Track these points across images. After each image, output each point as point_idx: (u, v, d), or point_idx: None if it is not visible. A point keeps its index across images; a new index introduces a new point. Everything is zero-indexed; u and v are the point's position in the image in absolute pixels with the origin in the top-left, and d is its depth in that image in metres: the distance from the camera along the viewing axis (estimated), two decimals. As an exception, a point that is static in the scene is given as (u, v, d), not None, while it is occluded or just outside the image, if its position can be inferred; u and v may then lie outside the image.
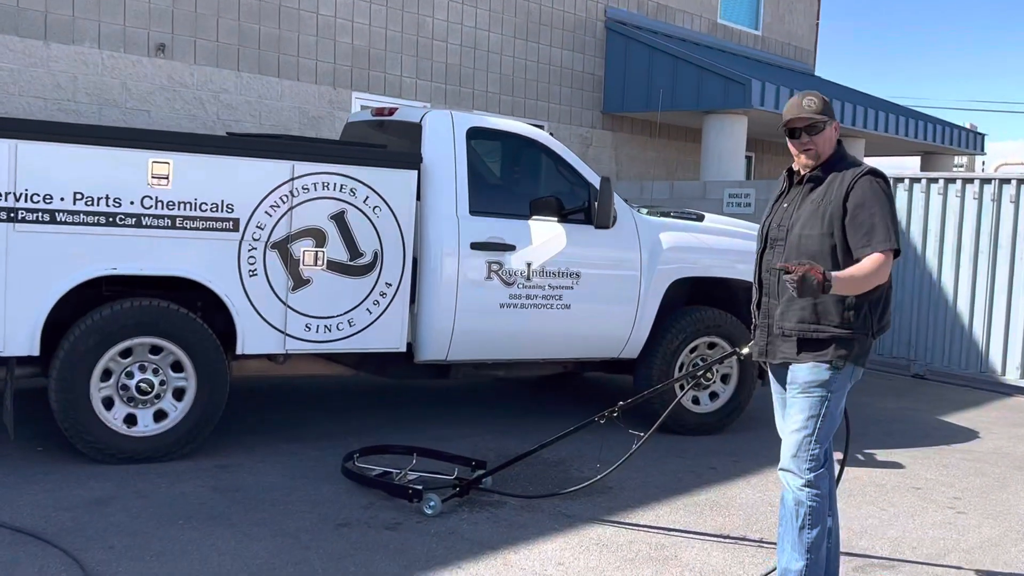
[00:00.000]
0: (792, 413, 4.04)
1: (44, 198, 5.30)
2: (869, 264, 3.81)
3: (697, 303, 7.50)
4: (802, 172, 4.12)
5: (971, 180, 10.57)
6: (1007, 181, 10.27)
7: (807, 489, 3.97)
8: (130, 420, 5.70)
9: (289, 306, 5.99)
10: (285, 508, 5.12)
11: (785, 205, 4.13)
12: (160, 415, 5.77)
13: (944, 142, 18.45)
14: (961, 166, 26.13)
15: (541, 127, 13.79)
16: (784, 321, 4.02)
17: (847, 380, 4.01)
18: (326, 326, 6.12)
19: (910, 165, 21.78)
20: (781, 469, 4.07)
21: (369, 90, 12.30)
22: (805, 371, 3.98)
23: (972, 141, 19.76)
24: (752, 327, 4.28)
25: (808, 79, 18.71)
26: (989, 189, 10.33)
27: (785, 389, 4.12)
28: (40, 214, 5.30)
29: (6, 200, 5.21)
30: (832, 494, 4.17)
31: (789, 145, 4.11)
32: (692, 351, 7.30)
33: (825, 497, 4.02)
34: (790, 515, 4.02)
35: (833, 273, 3.72)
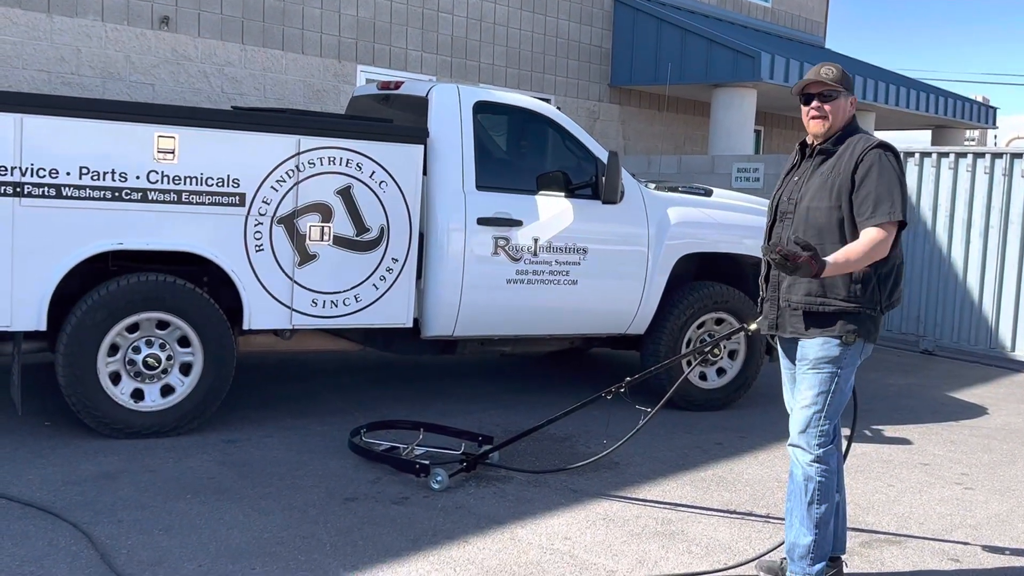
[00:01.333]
0: (802, 389, 4.02)
1: (50, 172, 5.28)
2: (865, 242, 3.79)
3: (705, 278, 7.47)
4: (813, 143, 4.08)
5: (982, 155, 10.49)
6: (1019, 156, 10.19)
7: (816, 465, 3.96)
8: (137, 395, 5.70)
9: (295, 281, 5.98)
10: (293, 483, 5.13)
11: (796, 178, 4.10)
12: (167, 390, 5.78)
13: (955, 115, 18.31)
14: (973, 140, 25.96)
15: (548, 101, 13.73)
16: (791, 294, 4.01)
17: (857, 356, 3.99)
18: (332, 301, 6.11)
19: (921, 139, 21.64)
20: (790, 444, 4.06)
21: (374, 63, 12.23)
22: (815, 347, 3.96)
23: (984, 115, 19.61)
24: (760, 300, 4.26)
25: (818, 52, 18.56)
26: (1000, 164, 10.25)
27: (794, 364, 4.10)
28: (46, 189, 5.28)
29: (12, 175, 5.20)
30: (840, 470, 4.16)
31: (802, 113, 4.07)
32: (699, 327, 7.27)
33: (834, 472, 4.02)
34: (799, 490, 4.02)
35: (826, 259, 3.71)
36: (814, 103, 4.00)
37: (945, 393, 8.59)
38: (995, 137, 29.16)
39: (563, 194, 6.71)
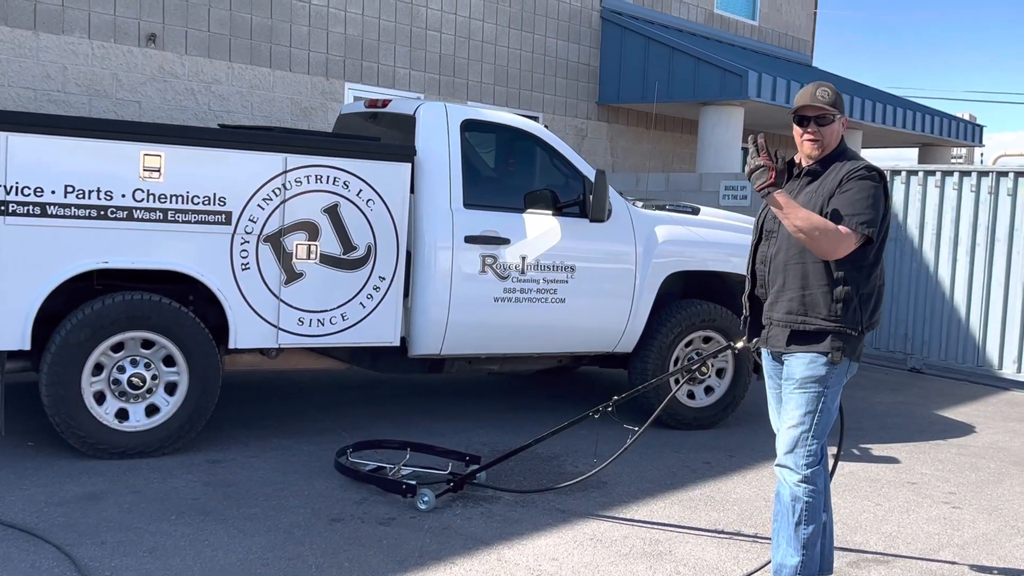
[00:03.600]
0: (788, 409, 4.02)
1: (35, 191, 5.25)
2: (831, 225, 3.78)
3: (692, 296, 7.47)
4: (803, 164, 4.10)
5: (968, 173, 10.55)
6: (1004, 174, 10.25)
7: (803, 485, 3.96)
8: (122, 415, 5.66)
9: (282, 300, 5.95)
10: (278, 503, 5.09)
11: (783, 197, 4.11)
12: (152, 410, 5.74)
13: (942, 133, 18.42)
14: (959, 157, 26.12)
15: (536, 119, 13.76)
16: (773, 311, 4.03)
17: (843, 375, 4.00)
18: (319, 320, 6.08)
19: (908, 156, 21.79)
20: (778, 465, 4.05)
21: (362, 81, 12.23)
22: (801, 366, 3.96)
23: (970, 132, 19.74)
24: (743, 318, 4.27)
25: (806, 70, 18.68)
26: (986, 182, 10.30)
27: (780, 383, 4.10)
28: (31, 207, 5.25)
29: (-4, 193, 5.17)
30: (827, 489, 4.16)
31: (795, 132, 4.08)
32: (687, 345, 7.27)
33: (821, 493, 4.02)
34: (786, 511, 4.01)
35: (779, 192, 3.82)
36: (810, 127, 4.01)
37: (933, 411, 8.59)
38: (981, 155, 29.35)
39: (551, 212, 6.71)
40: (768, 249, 4.09)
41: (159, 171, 5.54)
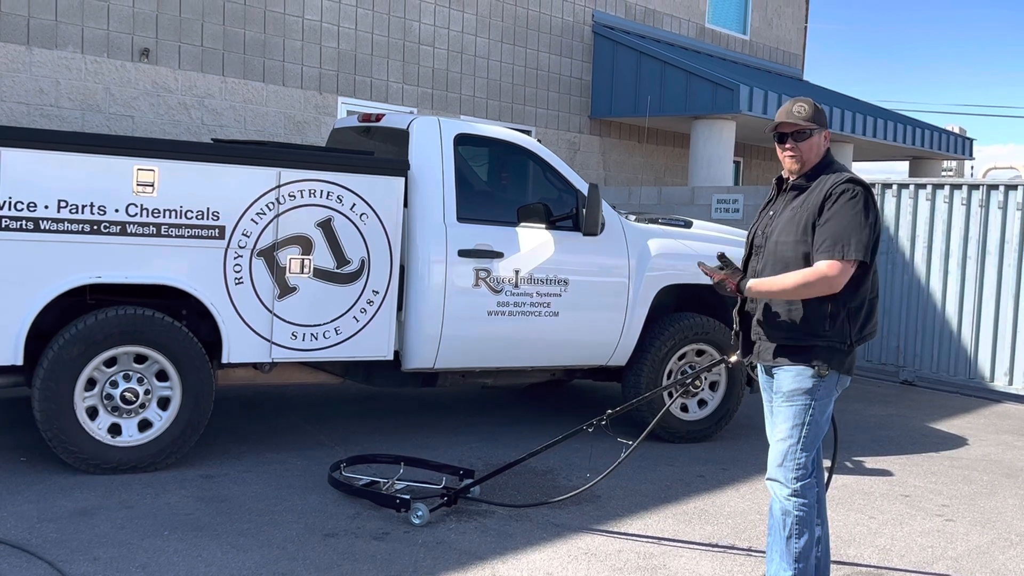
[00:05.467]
0: (777, 422, 4.03)
1: (28, 206, 5.25)
2: (802, 273, 3.86)
3: (685, 310, 7.49)
4: (788, 179, 4.12)
5: (959, 186, 10.59)
6: (995, 187, 10.29)
7: (794, 499, 3.96)
8: (115, 430, 5.64)
9: (275, 314, 5.95)
10: (271, 518, 5.07)
11: (771, 213, 4.14)
12: (145, 424, 5.72)
13: (932, 147, 18.51)
14: (950, 170, 26.22)
15: (528, 133, 13.79)
16: (761, 327, 4.05)
17: (832, 388, 4.00)
18: (312, 334, 6.08)
19: (899, 170, 21.89)
20: (768, 479, 4.06)
21: (355, 95, 12.26)
22: (789, 379, 3.97)
23: (960, 146, 19.84)
24: (734, 333, 4.29)
25: (796, 84, 18.77)
26: (977, 195, 10.35)
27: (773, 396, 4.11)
28: (24, 222, 5.25)
29: (-11, 208, 5.16)
30: (821, 502, 4.16)
31: (776, 149, 4.11)
32: (680, 358, 7.28)
33: (812, 506, 4.01)
34: (778, 525, 4.01)
35: (748, 283, 3.99)
36: (788, 143, 4.03)
37: (925, 424, 8.61)
38: (972, 168, 29.50)
39: (544, 226, 6.73)
40: (756, 264, 4.11)
41: (152, 186, 5.55)
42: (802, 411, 3.95)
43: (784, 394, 3.98)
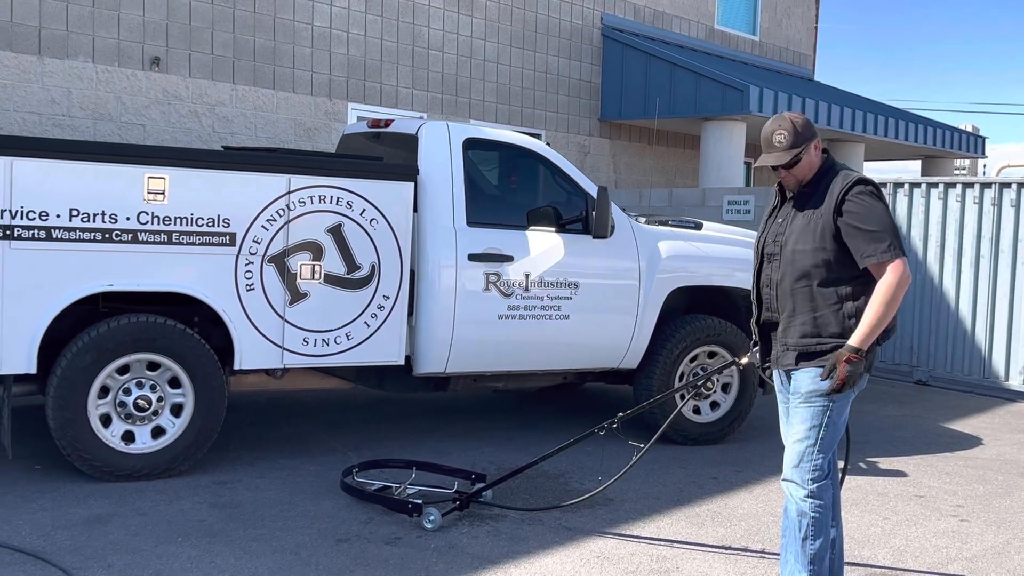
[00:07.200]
0: (794, 423, 4.02)
1: (40, 215, 5.28)
2: (880, 293, 3.82)
3: (696, 312, 7.47)
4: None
5: (971, 185, 10.55)
6: (1007, 185, 10.24)
7: (810, 500, 3.94)
8: (128, 437, 5.67)
9: (287, 320, 5.96)
10: (284, 524, 5.09)
11: (779, 220, 4.12)
12: (158, 431, 5.74)
13: (945, 146, 18.43)
14: (962, 169, 26.12)
15: (538, 136, 13.81)
16: (787, 337, 4.02)
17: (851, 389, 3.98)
18: (324, 340, 6.09)
19: (911, 169, 21.81)
20: (784, 479, 4.04)
21: (365, 101, 12.29)
22: (807, 380, 3.96)
23: (973, 144, 19.74)
24: (752, 343, 4.27)
25: (807, 84, 18.71)
26: (989, 193, 10.30)
27: (789, 398, 4.09)
28: (36, 231, 5.28)
29: (2, 218, 5.19)
30: (836, 503, 4.14)
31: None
32: (692, 360, 7.27)
33: (828, 508, 4.00)
34: (793, 526, 4.00)
35: (852, 342, 3.81)
36: (781, 171, 4.03)
37: (939, 424, 8.57)
38: (984, 166, 29.34)
39: (553, 229, 6.73)
40: (772, 272, 4.09)
41: (163, 194, 5.57)
42: (820, 412, 3.94)
43: (802, 395, 3.97)
